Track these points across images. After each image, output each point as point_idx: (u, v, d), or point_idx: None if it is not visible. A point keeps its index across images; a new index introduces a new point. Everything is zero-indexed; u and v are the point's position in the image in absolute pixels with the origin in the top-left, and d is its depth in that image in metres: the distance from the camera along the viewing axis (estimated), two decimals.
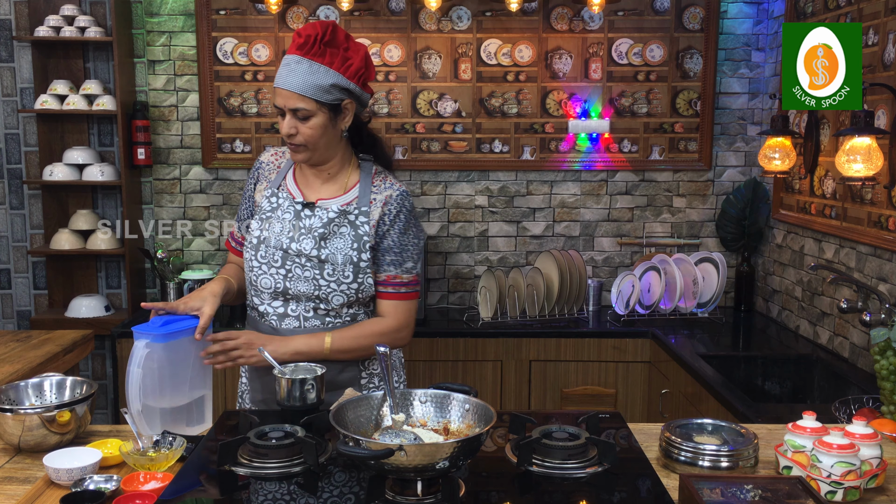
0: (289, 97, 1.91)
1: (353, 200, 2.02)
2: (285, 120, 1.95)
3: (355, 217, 2.00)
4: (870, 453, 1.55)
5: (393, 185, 2.06)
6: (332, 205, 2.01)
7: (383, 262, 2.03)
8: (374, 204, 2.02)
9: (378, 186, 2.04)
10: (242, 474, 1.50)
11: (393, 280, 2.04)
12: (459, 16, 3.71)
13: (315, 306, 2.01)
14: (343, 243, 1.98)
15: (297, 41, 1.92)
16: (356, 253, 1.98)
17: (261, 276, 2.02)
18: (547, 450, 1.53)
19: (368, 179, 2.05)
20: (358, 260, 1.98)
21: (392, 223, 2.02)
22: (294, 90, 1.90)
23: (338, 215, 1.99)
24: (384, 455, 1.33)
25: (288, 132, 1.94)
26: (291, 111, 1.93)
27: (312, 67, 1.91)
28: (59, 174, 3.64)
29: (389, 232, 2.02)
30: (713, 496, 1.40)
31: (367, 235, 1.99)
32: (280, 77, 1.93)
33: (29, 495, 1.53)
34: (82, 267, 3.88)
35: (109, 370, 3.90)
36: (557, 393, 3.43)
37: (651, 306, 3.58)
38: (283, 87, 1.92)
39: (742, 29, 3.74)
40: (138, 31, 3.74)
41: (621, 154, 3.80)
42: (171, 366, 1.85)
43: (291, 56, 1.92)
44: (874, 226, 2.73)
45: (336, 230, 1.99)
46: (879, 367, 2.01)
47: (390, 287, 2.04)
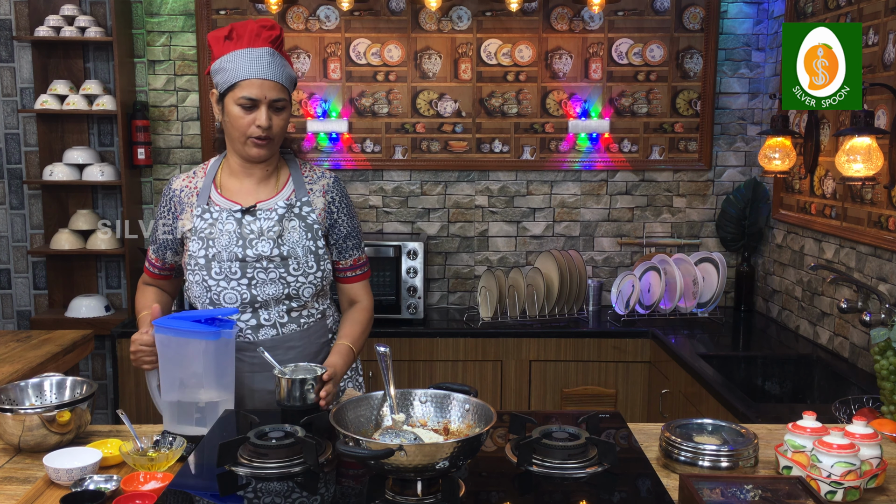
0: (271, 88, 1.91)
1: (291, 194, 2.04)
2: (260, 112, 1.91)
3: (300, 208, 2.01)
4: (870, 453, 1.55)
5: (324, 174, 2.10)
6: (275, 202, 2.01)
7: (347, 247, 2.09)
8: (314, 193, 2.05)
9: (309, 176, 2.08)
10: (242, 474, 1.50)
11: (359, 262, 2.12)
12: (459, 16, 3.71)
13: (288, 308, 2.01)
14: (298, 236, 1.99)
15: (267, 34, 1.93)
16: (312, 242, 2.00)
17: (223, 293, 1.97)
18: (547, 450, 1.53)
19: (298, 171, 2.07)
20: (316, 248, 2.01)
21: (339, 210, 2.07)
22: (278, 80, 1.92)
23: (286, 210, 1.99)
24: (384, 455, 1.33)
25: (267, 124, 1.92)
26: (271, 102, 1.92)
27: (283, 61, 1.96)
28: (59, 174, 3.64)
29: (340, 218, 2.07)
30: (713, 496, 1.40)
31: (317, 224, 2.02)
32: (256, 68, 1.90)
33: (29, 495, 1.53)
34: (82, 267, 3.88)
35: (109, 370, 3.90)
36: (557, 393, 3.43)
37: (651, 306, 3.58)
38: (266, 78, 1.90)
39: (742, 29, 3.74)
40: (138, 31, 3.74)
41: (621, 154, 3.80)
42: (217, 361, 1.84)
43: (263, 49, 1.92)
44: (874, 226, 2.73)
45: (287, 225, 1.99)
46: (879, 367, 2.01)
47: (358, 270, 2.12)
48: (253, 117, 1.92)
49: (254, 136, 1.93)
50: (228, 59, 1.92)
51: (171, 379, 1.82)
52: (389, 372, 1.64)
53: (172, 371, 1.82)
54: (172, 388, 1.82)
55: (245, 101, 1.91)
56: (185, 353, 1.82)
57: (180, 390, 1.82)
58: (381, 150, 3.79)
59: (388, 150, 3.79)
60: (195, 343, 1.80)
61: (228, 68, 1.92)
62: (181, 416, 1.81)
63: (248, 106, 1.91)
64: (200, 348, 1.80)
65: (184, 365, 1.82)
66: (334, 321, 2.15)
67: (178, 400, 1.82)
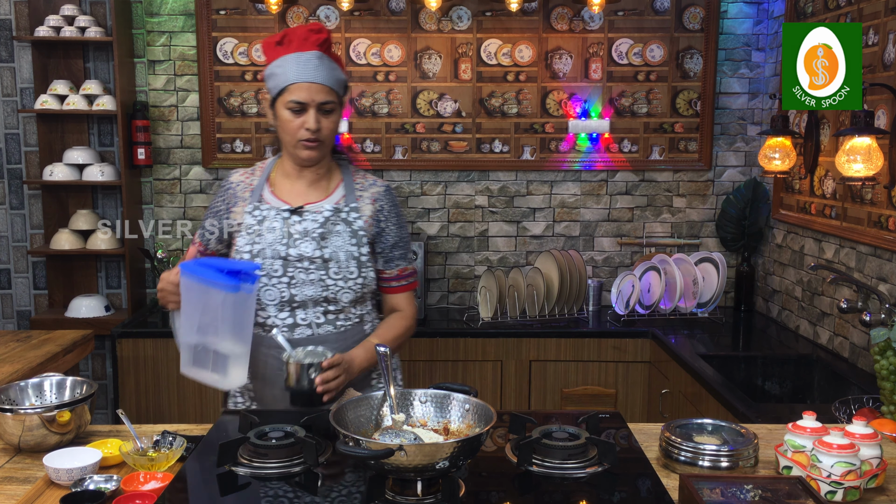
0: (318, 91, 1.94)
1: (340, 199, 2.05)
2: (308, 115, 1.95)
3: (347, 213, 2.03)
4: (870, 453, 1.55)
5: (375, 182, 2.12)
6: (322, 206, 2.03)
7: (394, 257, 2.09)
8: (363, 200, 2.06)
9: (361, 183, 2.09)
10: (242, 474, 1.50)
11: (404, 272, 2.11)
12: (459, 16, 3.71)
13: (325, 310, 2.01)
14: (342, 240, 2.00)
15: (315, 38, 1.96)
16: (356, 248, 2.01)
17: (263, 290, 1.99)
18: (547, 450, 1.53)
19: (350, 178, 2.09)
20: (359, 255, 2.01)
21: (388, 219, 2.07)
22: (325, 83, 1.95)
23: (332, 213, 2.01)
24: (384, 455, 1.33)
25: (315, 126, 1.95)
26: (319, 105, 1.95)
27: (332, 64, 1.98)
28: (59, 174, 3.64)
29: (389, 227, 2.07)
30: (713, 496, 1.40)
31: (363, 231, 2.02)
32: (303, 72, 1.94)
33: (29, 495, 1.53)
34: (82, 267, 3.88)
35: (109, 370, 3.90)
36: (557, 393, 3.43)
37: (651, 306, 3.58)
38: (314, 81, 1.94)
39: (742, 29, 3.74)
40: (138, 31, 3.74)
41: (621, 154, 3.80)
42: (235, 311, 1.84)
43: (311, 52, 1.95)
44: (874, 226, 2.73)
45: (332, 228, 2.00)
46: (879, 367, 2.01)
47: (403, 280, 2.11)
48: (302, 120, 1.95)
49: (303, 138, 1.96)
50: (278, 64, 1.97)
51: (191, 322, 1.84)
52: (389, 372, 1.64)
53: (192, 314, 1.84)
54: (191, 330, 1.84)
55: (294, 105, 1.94)
56: (205, 301, 1.82)
57: (199, 334, 1.84)
58: (381, 150, 3.79)
59: (388, 150, 3.79)
60: (215, 292, 1.80)
61: (278, 73, 1.96)
62: (197, 359, 1.85)
63: (297, 109, 1.95)
64: (219, 298, 1.80)
65: (203, 311, 1.83)
66: (373, 327, 2.11)
67: (196, 343, 1.84)
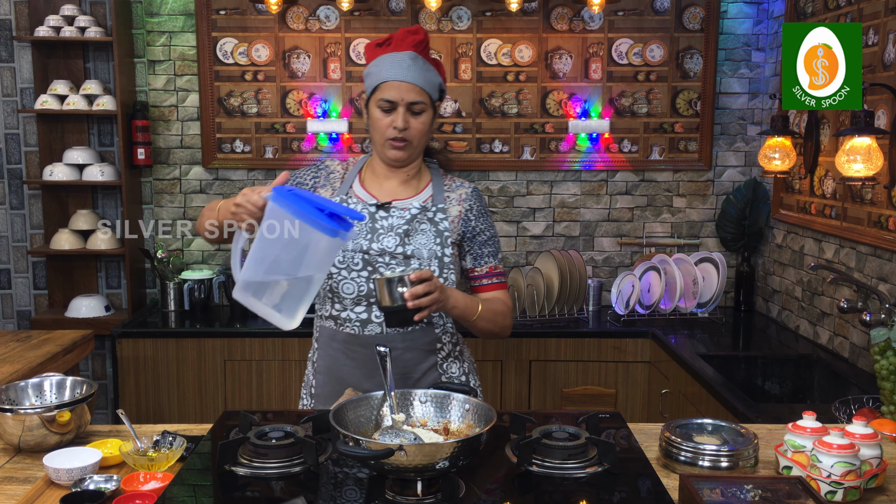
0: (409, 90, 1.95)
1: (428, 199, 2.05)
2: (397, 114, 1.96)
3: (434, 213, 2.02)
4: (870, 453, 1.55)
5: (463, 183, 2.12)
6: (410, 203, 2.03)
7: (482, 254, 2.07)
8: (450, 201, 2.06)
9: (449, 185, 2.10)
10: (242, 474, 1.50)
11: (495, 270, 2.09)
12: (459, 16, 3.71)
13: None
14: (426, 239, 1.99)
15: (411, 39, 1.97)
16: (439, 248, 1.99)
17: (342, 282, 1.97)
18: (547, 450, 1.53)
19: (439, 180, 2.10)
20: (442, 255, 1.99)
21: (478, 218, 2.07)
22: (416, 83, 1.95)
23: (419, 211, 2.01)
24: (384, 455, 1.33)
25: (403, 126, 1.95)
26: (408, 104, 1.95)
27: (427, 66, 1.99)
28: (59, 174, 3.64)
29: (478, 226, 2.07)
30: (713, 496, 1.40)
31: (448, 231, 2.01)
32: (395, 71, 1.95)
33: (29, 495, 1.53)
34: (82, 267, 3.88)
35: (109, 370, 3.90)
36: (557, 393, 3.43)
37: (651, 306, 3.58)
38: (404, 80, 1.94)
39: (742, 29, 3.74)
40: (138, 31, 3.74)
41: (621, 154, 3.80)
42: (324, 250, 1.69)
43: (406, 53, 1.96)
44: (874, 226, 2.73)
45: (418, 226, 1.99)
46: (879, 367, 2.01)
47: (494, 277, 2.09)
48: (391, 119, 1.96)
49: (391, 137, 1.97)
50: (374, 64, 1.99)
51: (266, 251, 1.66)
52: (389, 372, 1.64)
53: (271, 244, 1.66)
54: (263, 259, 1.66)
55: (384, 104, 1.96)
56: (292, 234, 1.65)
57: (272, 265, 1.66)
58: None
59: None
60: (308, 230, 1.62)
61: (373, 72, 1.99)
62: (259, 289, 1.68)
63: (387, 108, 1.96)
64: (311, 237, 1.63)
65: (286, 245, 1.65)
66: (444, 331, 2.06)
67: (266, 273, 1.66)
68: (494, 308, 2.04)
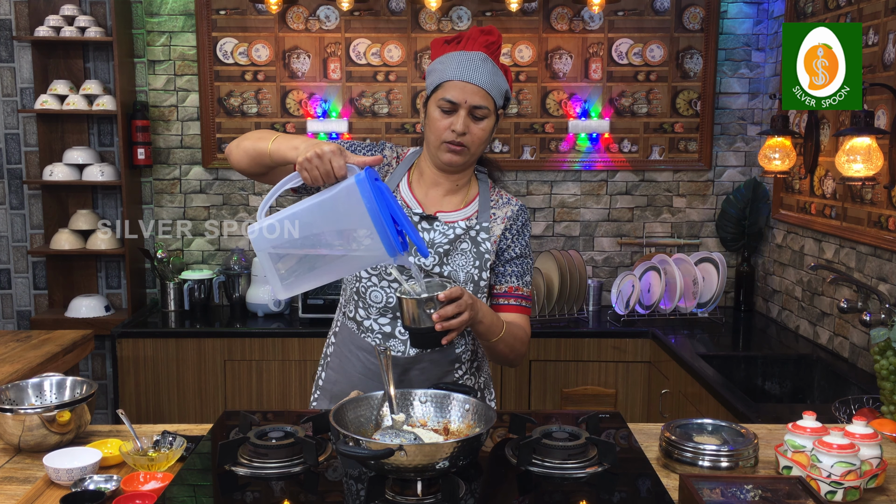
0: (474, 92, 1.80)
1: (473, 215, 1.92)
2: (458, 116, 1.81)
3: (476, 233, 1.90)
4: (870, 453, 1.55)
5: (510, 199, 1.98)
6: (456, 219, 1.90)
7: (506, 272, 1.93)
8: (494, 219, 1.93)
9: (496, 201, 1.96)
10: (242, 474, 1.50)
11: (515, 292, 1.93)
12: (459, 16, 3.71)
13: None
14: (465, 260, 1.87)
15: (482, 39, 1.84)
16: (477, 271, 1.88)
17: (370, 289, 1.87)
18: (547, 450, 1.53)
19: (487, 193, 1.96)
20: (478, 279, 1.88)
21: (515, 237, 1.94)
22: (482, 86, 1.80)
23: (463, 231, 1.88)
24: (384, 455, 1.33)
25: (462, 129, 1.80)
26: (471, 108, 1.80)
27: (496, 69, 1.84)
28: (59, 174, 3.64)
29: (512, 245, 1.94)
30: (713, 496, 1.40)
31: (489, 253, 1.90)
32: (462, 70, 1.80)
33: (29, 495, 1.53)
34: (82, 267, 3.88)
35: (109, 370, 3.90)
36: (557, 393, 3.43)
37: (651, 306, 3.58)
38: (470, 81, 1.79)
39: (742, 29, 3.74)
40: (138, 31, 3.74)
41: (621, 154, 3.80)
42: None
43: (476, 52, 1.82)
44: (874, 226, 2.73)
45: (458, 246, 1.87)
46: (879, 367, 2.01)
47: (513, 298, 1.93)
48: (450, 121, 1.82)
49: (448, 140, 1.82)
50: (440, 61, 1.85)
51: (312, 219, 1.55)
52: (389, 372, 1.63)
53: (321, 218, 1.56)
54: (302, 226, 1.55)
55: (445, 104, 1.81)
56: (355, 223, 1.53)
57: (313, 237, 1.56)
58: None
59: None
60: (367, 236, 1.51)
61: (438, 69, 1.84)
62: (284, 261, 1.58)
63: (448, 109, 1.81)
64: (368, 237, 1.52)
65: (336, 231, 1.56)
66: (465, 350, 1.96)
67: (299, 240, 1.56)
68: (515, 333, 1.90)
